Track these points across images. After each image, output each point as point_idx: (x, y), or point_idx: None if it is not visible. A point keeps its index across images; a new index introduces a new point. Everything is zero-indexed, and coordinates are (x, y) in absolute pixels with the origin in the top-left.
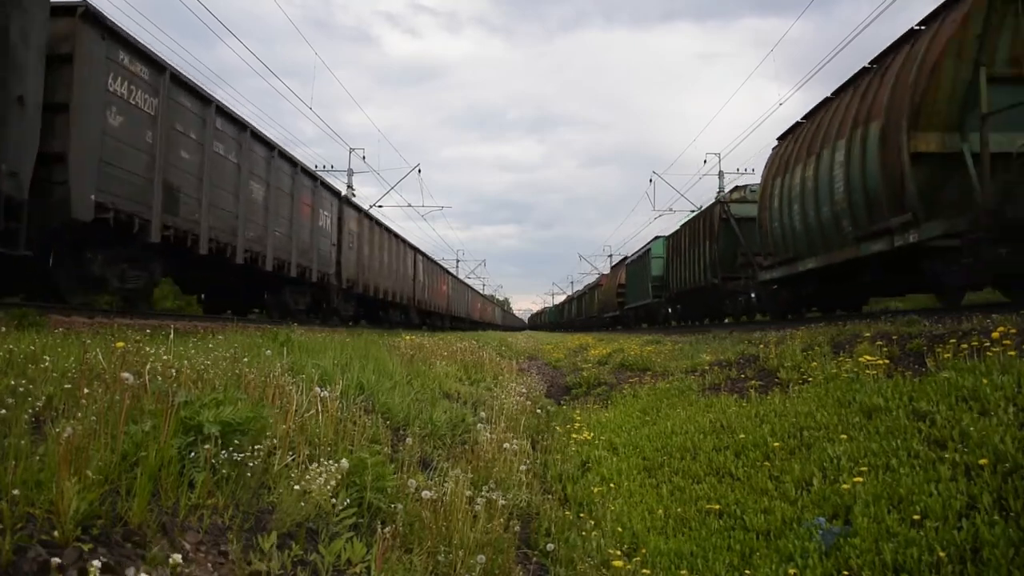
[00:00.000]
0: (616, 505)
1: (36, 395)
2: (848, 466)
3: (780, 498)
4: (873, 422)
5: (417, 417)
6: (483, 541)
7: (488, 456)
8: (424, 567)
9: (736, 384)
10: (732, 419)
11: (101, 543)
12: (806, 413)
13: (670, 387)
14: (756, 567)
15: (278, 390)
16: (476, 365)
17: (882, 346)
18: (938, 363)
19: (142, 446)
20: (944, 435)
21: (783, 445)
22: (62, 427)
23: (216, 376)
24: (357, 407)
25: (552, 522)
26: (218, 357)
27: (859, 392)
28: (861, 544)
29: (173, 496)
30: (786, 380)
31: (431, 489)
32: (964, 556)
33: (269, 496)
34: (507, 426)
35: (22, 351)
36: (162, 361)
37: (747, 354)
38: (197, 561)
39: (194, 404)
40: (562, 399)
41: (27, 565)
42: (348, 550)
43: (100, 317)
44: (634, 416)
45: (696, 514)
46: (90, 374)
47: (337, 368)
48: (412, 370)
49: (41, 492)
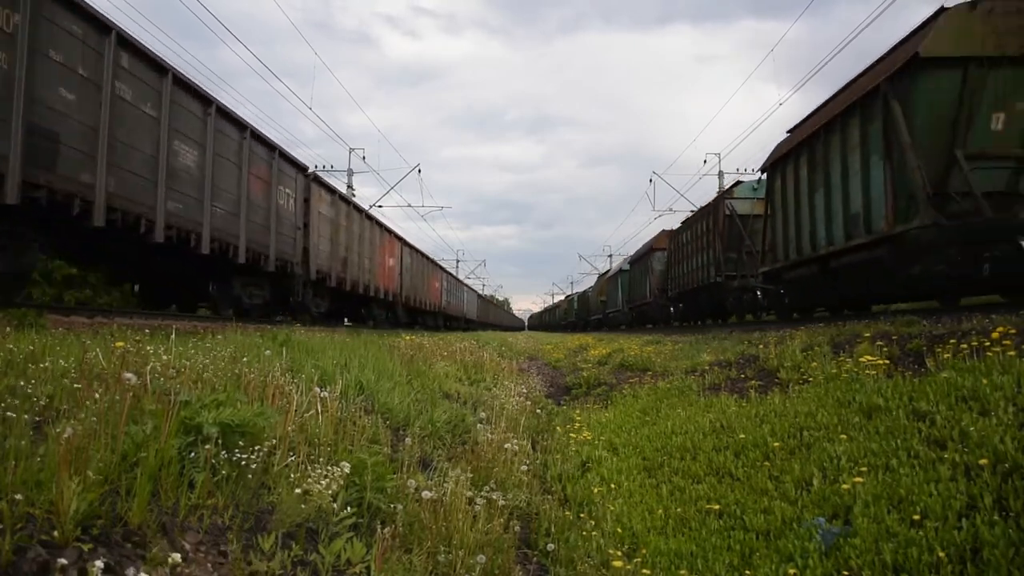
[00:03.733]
0: (616, 505)
1: (36, 395)
2: (848, 466)
3: (780, 498)
4: (873, 422)
5: (417, 417)
6: (483, 541)
7: (488, 456)
8: (424, 567)
9: (736, 384)
10: (732, 419)
11: (101, 543)
12: (806, 413)
13: (670, 387)
14: (756, 567)
15: (278, 390)
16: (476, 365)
17: (882, 346)
18: (938, 363)
19: (142, 446)
20: (944, 435)
21: (783, 445)
22: (62, 427)
23: (216, 376)
24: (357, 407)
25: (552, 522)
26: (218, 357)
27: (859, 392)
28: (861, 544)
29: (173, 496)
30: (786, 380)
31: (431, 489)
32: (964, 556)
33: (269, 496)
34: (507, 426)
35: (22, 351)
36: (162, 361)
37: (747, 354)
38: (197, 561)
39: (194, 404)
40: (562, 399)
41: (27, 565)
42: (348, 550)
43: (100, 317)
44: (634, 416)
45: (696, 514)
46: (90, 374)
47: (337, 368)
48: (412, 370)
49: (41, 492)
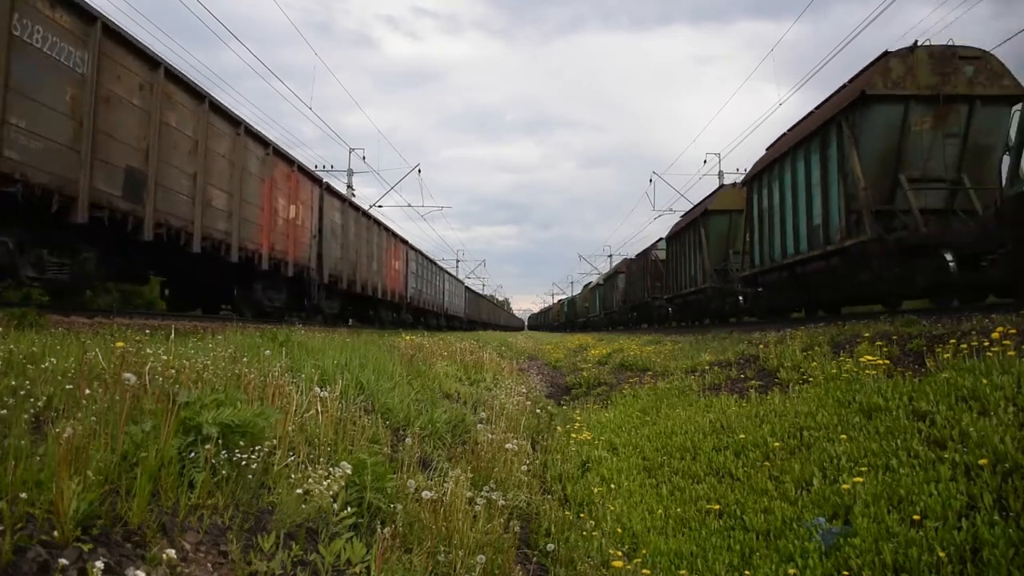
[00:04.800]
0: (616, 505)
1: (36, 395)
2: (848, 466)
3: (780, 498)
4: (873, 422)
5: (417, 417)
6: (483, 541)
7: (488, 456)
8: (424, 567)
9: (736, 384)
10: (732, 419)
11: (101, 543)
12: (806, 413)
13: (670, 387)
14: (756, 567)
15: (278, 390)
16: (476, 365)
17: (882, 346)
18: (938, 363)
19: (142, 446)
20: (944, 435)
21: (783, 445)
22: (62, 427)
23: (216, 376)
24: (357, 407)
25: (552, 522)
26: (217, 357)
27: (859, 392)
28: (861, 544)
29: (173, 496)
30: (786, 380)
31: (431, 489)
32: (964, 556)
33: (269, 496)
34: (507, 426)
35: (22, 351)
36: (162, 362)
37: (747, 354)
38: (197, 561)
39: (194, 405)
40: (562, 399)
41: (27, 565)
42: (348, 550)
43: (100, 317)
44: (634, 416)
45: (696, 514)
46: (90, 374)
47: (337, 368)
48: (412, 370)
49: (41, 492)
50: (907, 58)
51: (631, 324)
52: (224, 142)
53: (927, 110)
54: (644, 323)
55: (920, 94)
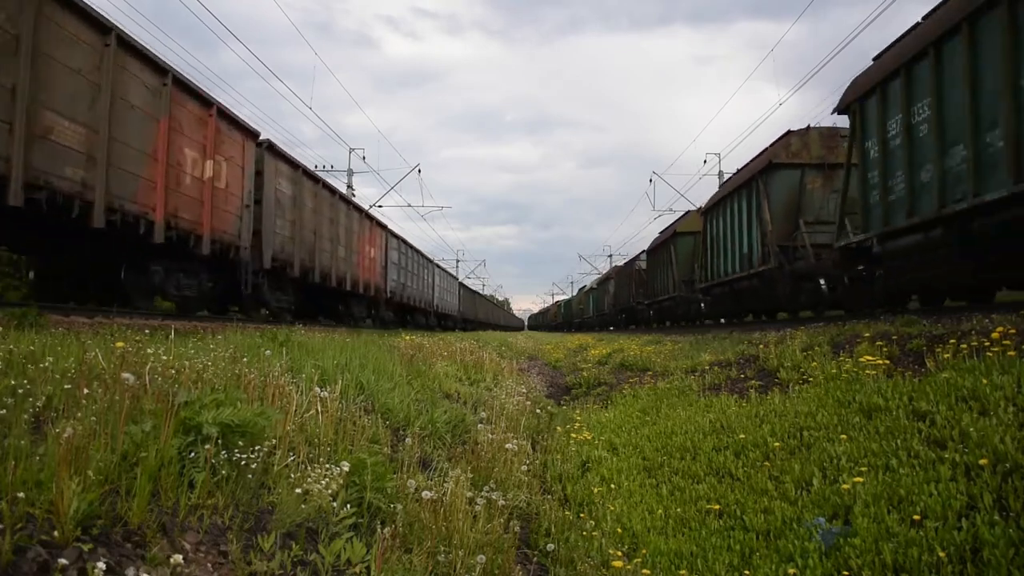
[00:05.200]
0: (616, 505)
1: (36, 395)
2: (848, 466)
3: (780, 498)
4: (873, 422)
5: (417, 417)
6: (483, 541)
7: (488, 456)
8: (424, 567)
9: (736, 384)
10: (732, 419)
11: (101, 543)
12: (806, 413)
13: (670, 387)
14: (756, 567)
15: (278, 390)
16: (476, 365)
17: (882, 346)
18: (938, 363)
19: (142, 446)
20: (944, 435)
21: (783, 445)
22: (62, 427)
23: (215, 376)
24: (357, 407)
25: (552, 522)
26: (217, 357)
27: (859, 392)
28: (861, 544)
29: (173, 496)
30: (786, 380)
31: (431, 489)
32: (964, 556)
33: (269, 496)
34: (507, 426)
35: (22, 351)
36: (162, 362)
37: (747, 354)
38: (197, 561)
39: (194, 404)
40: (562, 399)
41: (27, 565)
42: (348, 550)
43: (100, 317)
44: (634, 416)
45: (696, 514)
46: (90, 374)
47: (337, 368)
48: (412, 370)
49: (41, 492)
50: (804, 135)
51: (620, 325)
52: (78, 52)
53: (817, 173)
54: (632, 324)
55: (812, 163)
